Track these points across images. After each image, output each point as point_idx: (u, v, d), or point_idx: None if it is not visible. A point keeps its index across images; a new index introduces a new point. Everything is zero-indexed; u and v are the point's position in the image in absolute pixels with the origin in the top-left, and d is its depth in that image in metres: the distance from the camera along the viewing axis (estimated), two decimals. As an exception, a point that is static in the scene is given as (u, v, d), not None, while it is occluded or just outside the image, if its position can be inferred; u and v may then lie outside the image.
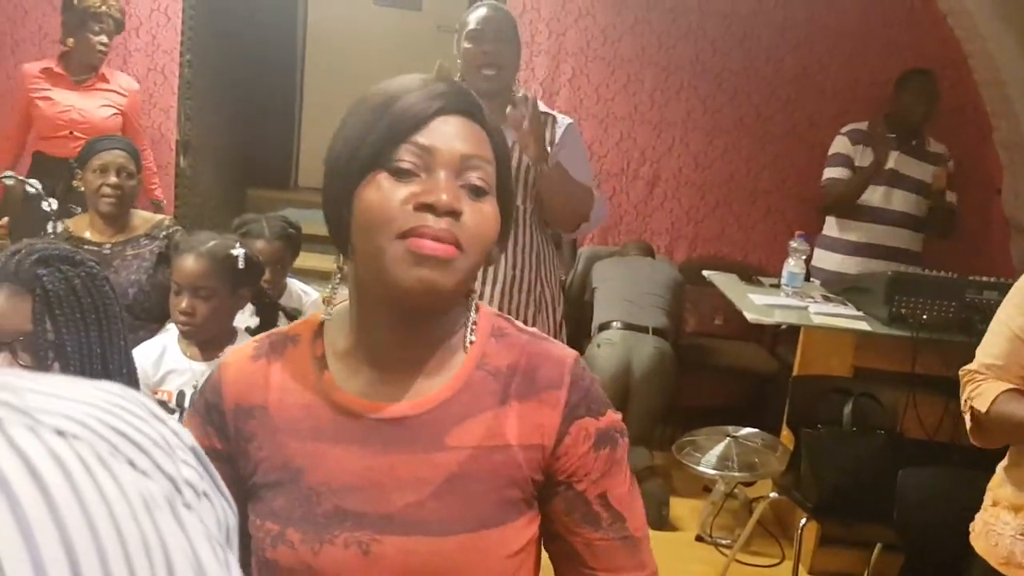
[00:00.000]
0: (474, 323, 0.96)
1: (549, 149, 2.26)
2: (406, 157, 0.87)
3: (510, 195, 0.94)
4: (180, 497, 0.40)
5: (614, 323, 3.60)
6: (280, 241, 2.60)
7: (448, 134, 0.88)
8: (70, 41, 3.46)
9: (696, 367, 3.96)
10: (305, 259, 3.08)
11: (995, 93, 4.09)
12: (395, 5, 5.60)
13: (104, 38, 3.48)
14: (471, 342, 0.95)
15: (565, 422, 0.92)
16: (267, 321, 2.08)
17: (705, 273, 3.77)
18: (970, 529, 1.78)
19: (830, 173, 3.70)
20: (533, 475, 0.92)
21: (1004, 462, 1.71)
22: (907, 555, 2.43)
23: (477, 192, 0.88)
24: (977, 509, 1.82)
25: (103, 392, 0.42)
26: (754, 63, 4.30)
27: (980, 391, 1.67)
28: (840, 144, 3.72)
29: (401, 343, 0.92)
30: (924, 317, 2.97)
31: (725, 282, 3.59)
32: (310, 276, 3.27)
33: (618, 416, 0.97)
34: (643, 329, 3.56)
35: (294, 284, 2.77)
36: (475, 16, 2.30)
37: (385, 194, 0.86)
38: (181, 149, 4.37)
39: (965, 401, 1.72)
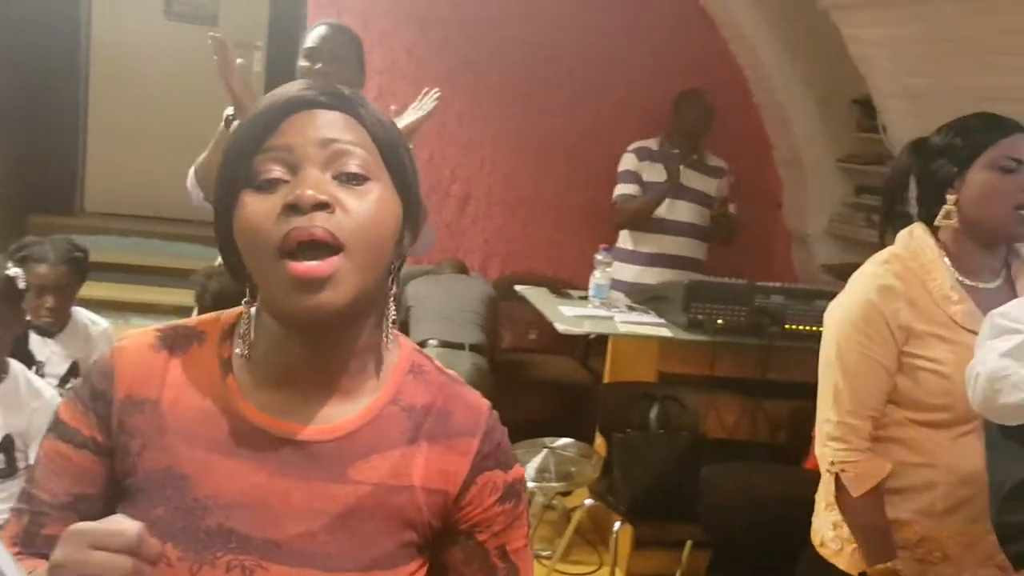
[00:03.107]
0: (387, 344, 0.90)
1: None
2: (265, 166, 0.82)
3: (407, 177, 0.87)
4: None
5: (430, 341, 3.58)
6: (65, 265, 2.42)
7: (304, 127, 0.83)
8: None
9: (513, 382, 3.99)
10: (91, 288, 2.86)
11: (774, 114, 4.43)
12: (187, 19, 5.33)
13: None
14: (386, 357, 0.91)
15: (473, 471, 0.89)
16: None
17: (518, 288, 3.83)
18: (816, 544, 1.75)
19: (621, 190, 3.88)
20: (432, 520, 0.88)
21: None
22: (714, 550, 2.54)
23: (355, 179, 0.82)
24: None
25: None
26: (558, 83, 4.43)
27: (858, 471, 1.62)
28: (627, 161, 3.91)
29: (310, 362, 0.86)
30: (719, 322, 3.14)
31: (537, 296, 3.66)
32: (96, 306, 3.03)
33: (523, 471, 0.96)
34: (459, 346, 3.56)
35: (80, 313, 2.56)
36: (313, 35, 2.31)
37: (253, 211, 0.81)
38: (-54, 171, 3.96)
39: (832, 463, 1.65)
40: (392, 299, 0.89)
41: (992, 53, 2.72)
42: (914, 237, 1.67)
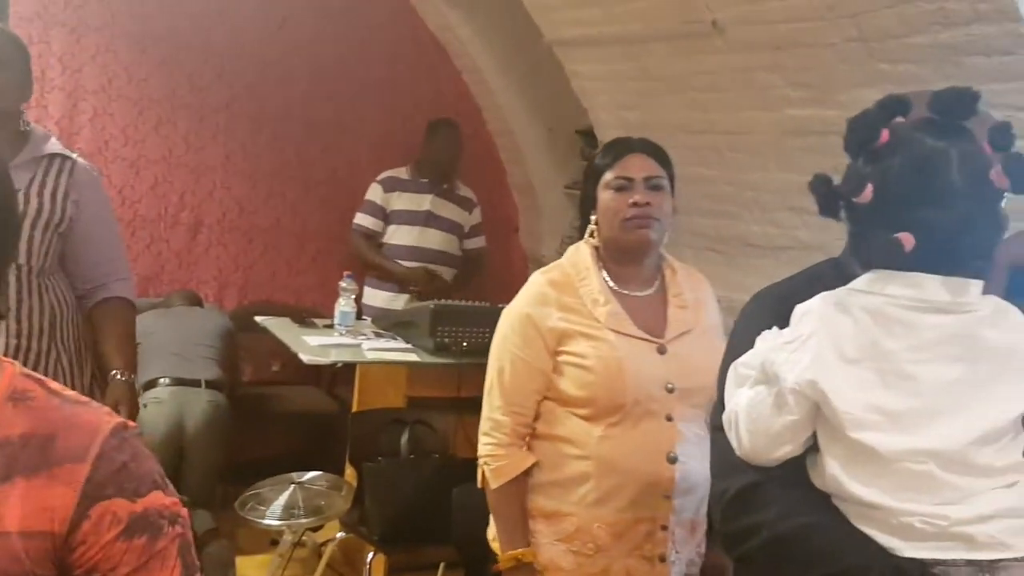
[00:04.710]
0: None
1: (63, 198, 2.05)
2: None
3: None
4: None
5: (161, 379, 3.35)
6: None
7: None
8: None
9: (256, 417, 3.84)
10: None
11: (506, 143, 4.64)
12: None
13: None
14: None
15: (84, 503, 0.77)
16: None
17: (258, 319, 3.69)
18: (489, 537, 1.87)
19: (360, 219, 3.97)
20: (38, 569, 0.76)
21: (531, 479, 1.81)
22: (465, 568, 2.58)
23: None
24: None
25: None
26: (291, 108, 4.34)
27: (498, 464, 1.79)
28: (373, 192, 3.98)
29: None
30: (464, 344, 3.20)
31: (279, 326, 3.54)
32: None
33: (170, 500, 0.82)
34: (194, 383, 3.36)
35: None
36: None
37: None
38: None
39: (479, 456, 1.82)
40: None
41: (695, 90, 3.03)
42: (578, 250, 1.86)
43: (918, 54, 2.29)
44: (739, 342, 1.27)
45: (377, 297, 3.90)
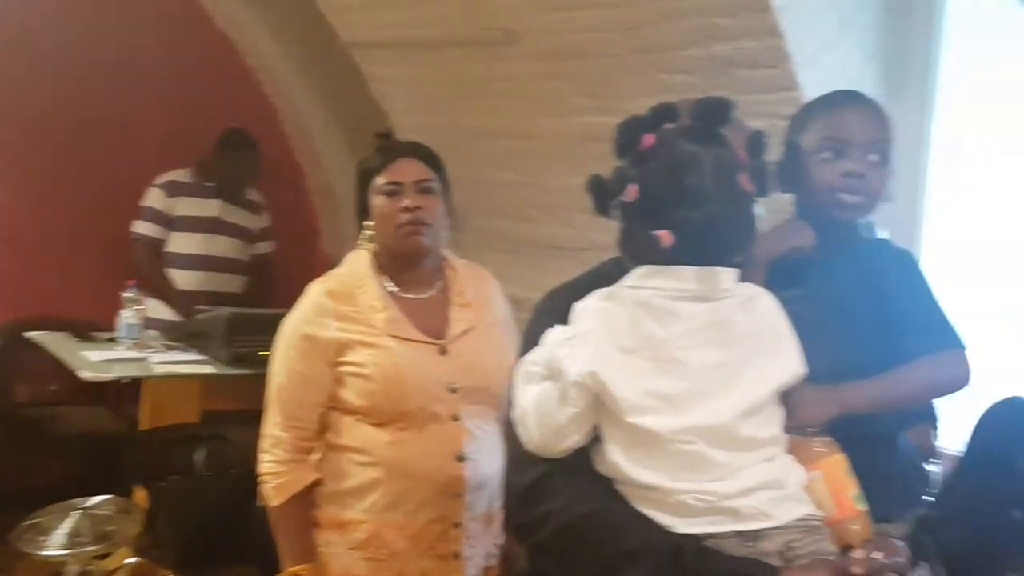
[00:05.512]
0: None
1: None
2: None
3: None
4: None
5: (-86, 406, 3.01)
6: None
7: None
8: None
9: (34, 441, 3.60)
10: None
11: (304, 145, 4.53)
12: None
13: None
14: None
15: None
16: None
17: (29, 335, 3.40)
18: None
19: (140, 227, 3.74)
20: None
21: (324, 489, 1.79)
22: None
23: None
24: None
25: None
26: (62, 108, 4.02)
27: (279, 482, 1.77)
28: (152, 197, 3.76)
29: None
30: (263, 354, 3.09)
31: (55, 342, 3.29)
32: None
33: None
34: (-44, 408, 3.05)
35: None
36: None
37: None
38: None
39: (259, 473, 1.80)
40: None
41: (492, 96, 3.10)
42: (357, 256, 1.86)
43: (693, 65, 2.46)
44: (530, 339, 1.31)
45: (164, 310, 3.67)
